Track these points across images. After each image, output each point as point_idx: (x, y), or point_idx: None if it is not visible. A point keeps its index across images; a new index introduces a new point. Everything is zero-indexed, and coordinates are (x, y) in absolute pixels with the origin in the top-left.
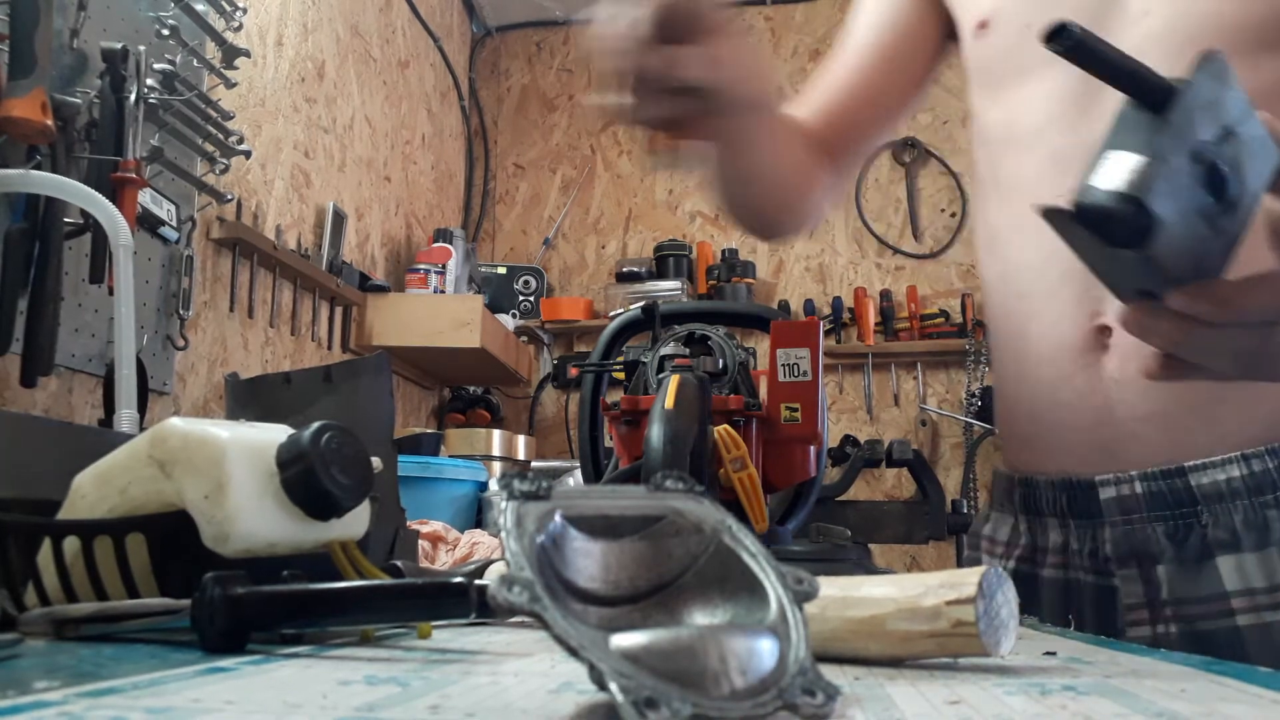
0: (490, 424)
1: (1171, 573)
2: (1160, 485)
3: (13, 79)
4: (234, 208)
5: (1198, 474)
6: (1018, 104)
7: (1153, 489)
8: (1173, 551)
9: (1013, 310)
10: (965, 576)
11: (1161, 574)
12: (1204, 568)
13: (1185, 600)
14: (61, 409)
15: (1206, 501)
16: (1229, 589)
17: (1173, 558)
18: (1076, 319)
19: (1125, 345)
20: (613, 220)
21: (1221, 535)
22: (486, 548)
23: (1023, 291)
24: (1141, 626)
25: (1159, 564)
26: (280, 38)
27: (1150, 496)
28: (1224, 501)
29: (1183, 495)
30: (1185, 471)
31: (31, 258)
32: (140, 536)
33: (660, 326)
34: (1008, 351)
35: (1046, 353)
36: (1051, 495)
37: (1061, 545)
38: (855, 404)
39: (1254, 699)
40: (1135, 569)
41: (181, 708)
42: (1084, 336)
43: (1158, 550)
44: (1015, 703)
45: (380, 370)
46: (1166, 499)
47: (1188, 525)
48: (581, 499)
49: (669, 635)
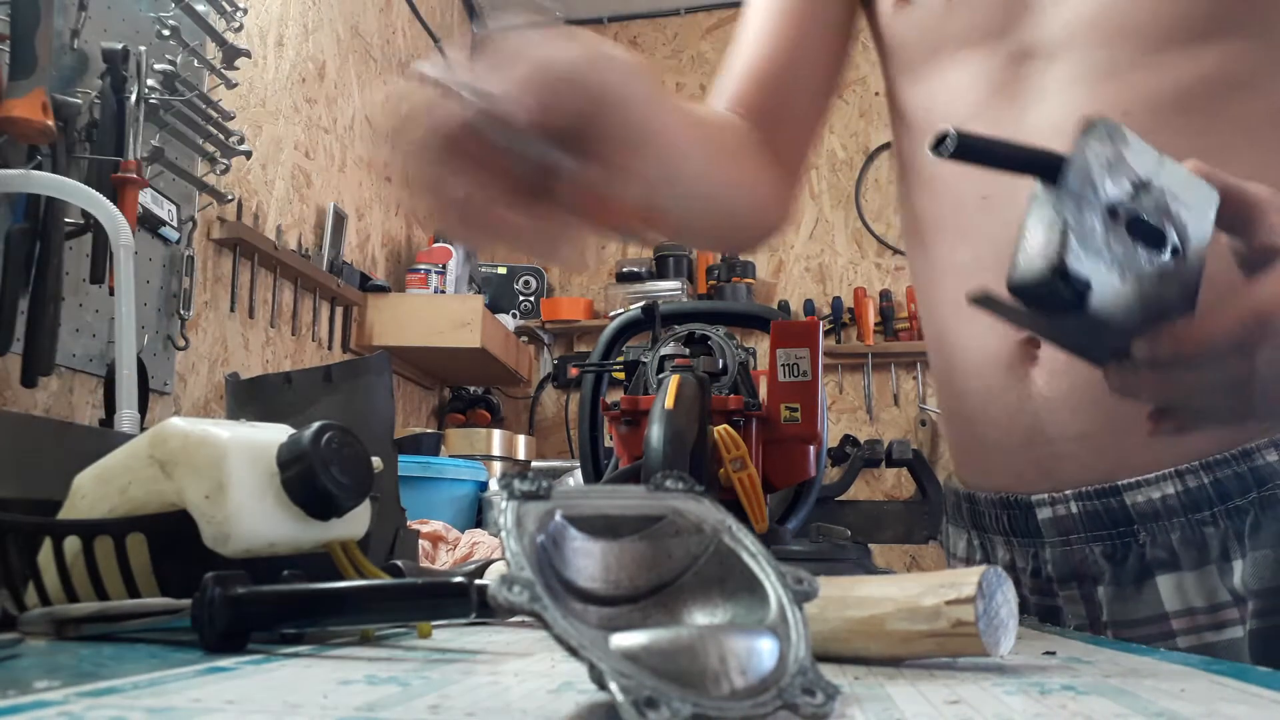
0: (490, 424)
1: (1111, 594)
2: (1096, 505)
3: (13, 79)
4: (234, 208)
5: (1132, 492)
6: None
7: (1088, 508)
8: (1111, 572)
9: (941, 315)
10: (965, 576)
11: (1102, 595)
12: (1143, 588)
13: (1124, 623)
14: (62, 409)
15: (1143, 520)
16: (1169, 609)
17: (1111, 578)
18: (1003, 331)
19: (1053, 360)
20: None
21: (1160, 554)
22: (486, 547)
23: (948, 297)
24: None
25: (1099, 584)
26: (281, 38)
27: (1086, 516)
28: (1160, 520)
29: (1118, 514)
30: (1120, 490)
31: (32, 258)
32: (141, 536)
33: (660, 326)
34: (940, 359)
35: (975, 365)
36: (993, 513)
37: (1009, 563)
38: (855, 404)
39: (1254, 699)
40: (1076, 589)
41: (182, 708)
42: (1011, 350)
43: (1097, 571)
44: (1015, 703)
45: (380, 370)
46: (1103, 518)
47: (1125, 545)
48: (581, 499)
49: (669, 635)
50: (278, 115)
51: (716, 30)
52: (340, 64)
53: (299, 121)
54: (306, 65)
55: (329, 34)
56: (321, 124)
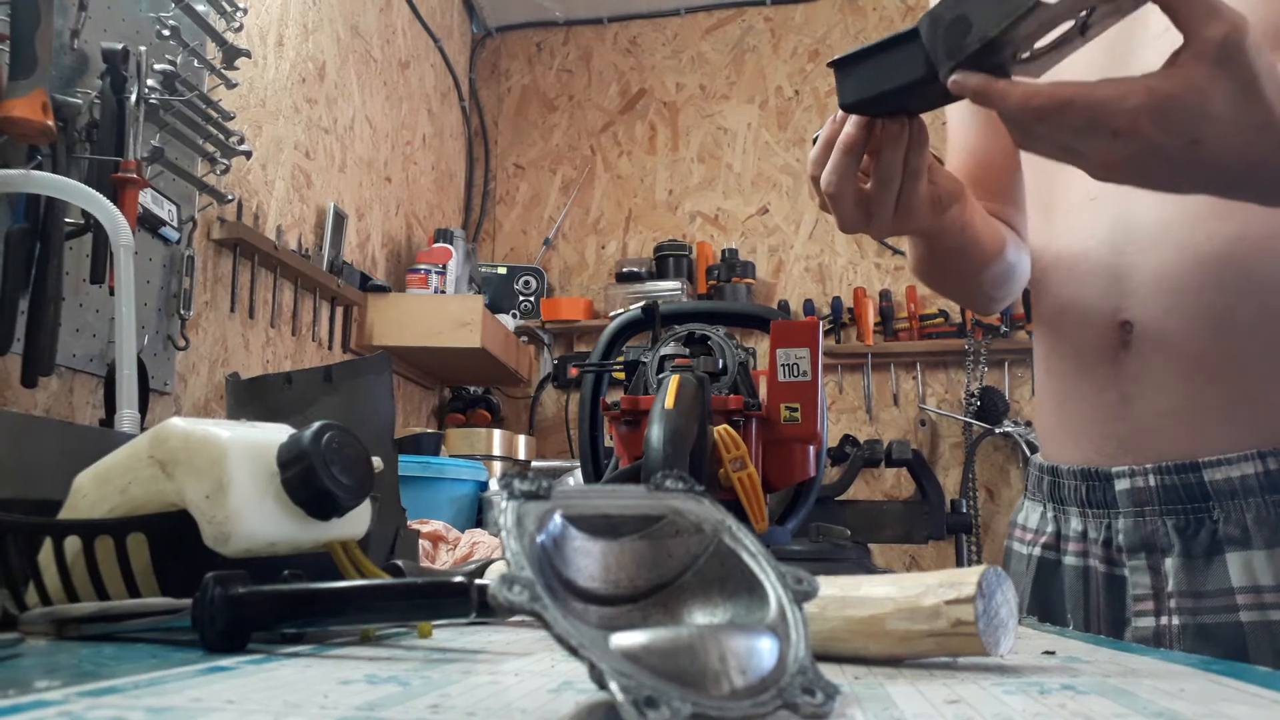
0: (490, 424)
1: (1179, 565)
2: (1174, 479)
3: (13, 79)
4: (235, 208)
5: (1212, 470)
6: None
7: (1166, 482)
8: (1181, 545)
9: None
10: (965, 576)
11: (1169, 566)
12: (1212, 563)
13: (1190, 594)
14: (62, 409)
15: (1219, 497)
16: (1235, 585)
17: (1181, 551)
18: (1100, 314)
19: (1146, 342)
20: (613, 220)
21: (1232, 531)
22: (487, 547)
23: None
24: (1146, 617)
25: (1167, 556)
26: (281, 38)
27: (1163, 490)
28: (1237, 498)
29: (1195, 490)
30: (1200, 467)
31: (32, 258)
32: (141, 536)
33: (660, 326)
34: (1042, 345)
35: (1072, 347)
36: (1073, 485)
37: (1081, 533)
38: (855, 404)
39: (1254, 699)
40: (1144, 559)
41: (182, 707)
42: (1106, 331)
43: (1166, 543)
44: (1015, 702)
45: (381, 370)
46: (1179, 493)
47: (1198, 520)
48: (581, 499)
49: (669, 635)
50: (278, 115)
51: (716, 30)
52: (340, 64)
53: (299, 121)
54: (306, 65)
55: (329, 34)
56: (321, 124)
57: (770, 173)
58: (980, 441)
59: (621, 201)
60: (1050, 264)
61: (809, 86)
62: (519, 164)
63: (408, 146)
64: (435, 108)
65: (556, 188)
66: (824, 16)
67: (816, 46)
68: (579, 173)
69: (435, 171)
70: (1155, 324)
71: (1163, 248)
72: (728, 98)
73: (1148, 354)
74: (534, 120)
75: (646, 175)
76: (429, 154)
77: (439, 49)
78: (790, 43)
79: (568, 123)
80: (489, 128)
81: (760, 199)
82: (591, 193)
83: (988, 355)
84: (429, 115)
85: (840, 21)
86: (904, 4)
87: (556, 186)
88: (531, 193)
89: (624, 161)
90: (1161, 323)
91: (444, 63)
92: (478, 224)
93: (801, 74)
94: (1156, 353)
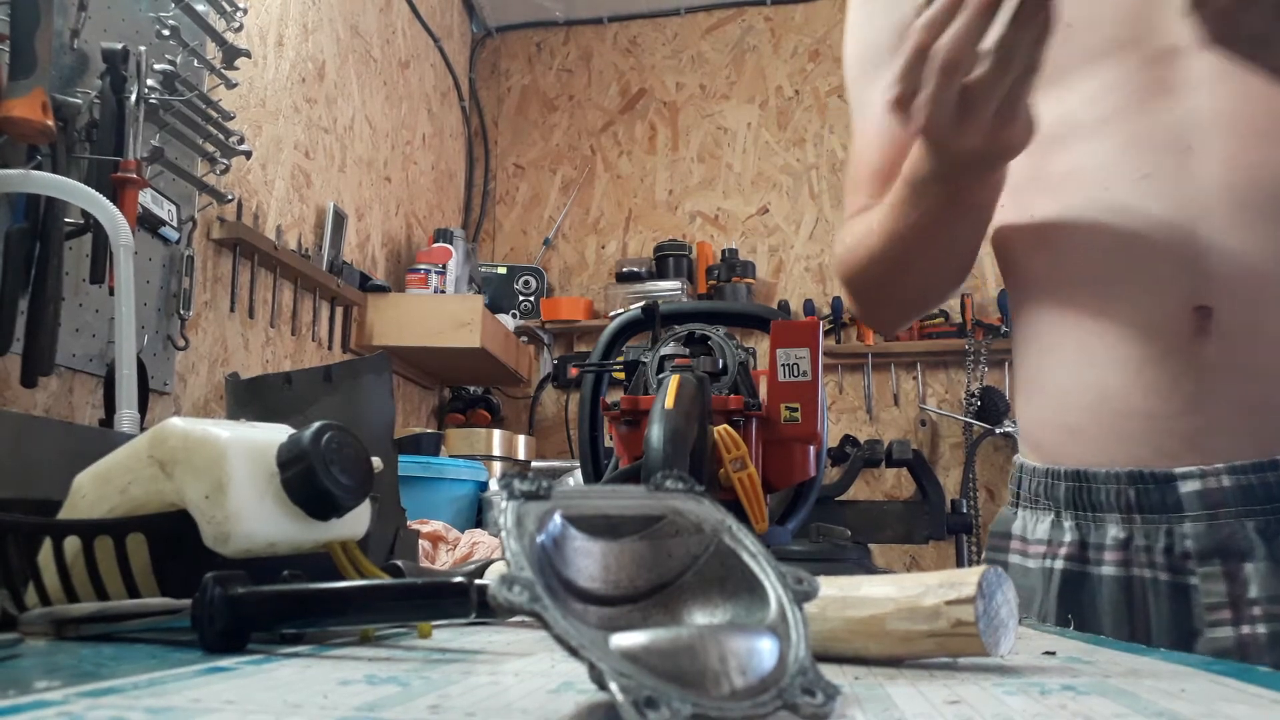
0: (490, 424)
1: (1264, 570)
2: (1251, 479)
3: (13, 79)
4: (234, 208)
5: None
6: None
7: (1242, 483)
8: (1264, 549)
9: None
10: (965, 576)
11: (1250, 571)
12: None
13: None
14: (62, 409)
15: None
16: None
17: (1264, 555)
18: (1167, 301)
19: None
20: (613, 220)
21: None
22: (486, 547)
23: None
24: (1224, 626)
25: (1247, 561)
26: (280, 38)
27: (1240, 490)
28: None
29: (1276, 490)
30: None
31: (32, 258)
32: (140, 536)
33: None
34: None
35: (1122, 338)
36: (1114, 489)
37: (1123, 541)
38: (855, 404)
39: (1254, 699)
40: (1219, 566)
41: (182, 707)
42: (1177, 319)
43: (1246, 547)
44: (1015, 703)
45: (380, 370)
46: (1258, 493)
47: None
48: (581, 499)
49: (669, 635)
50: (278, 115)
51: (716, 30)
52: (340, 64)
53: (299, 121)
54: (306, 65)
55: (329, 34)
56: (321, 124)
57: (770, 173)
58: (981, 441)
59: (621, 201)
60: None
61: (809, 86)
62: (519, 164)
63: (407, 146)
64: (435, 108)
65: (556, 188)
66: (824, 16)
67: (816, 46)
68: (579, 173)
69: (435, 171)
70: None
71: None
72: (728, 97)
73: (1230, 342)
74: (534, 120)
75: (646, 175)
76: (429, 154)
77: (439, 49)
78: (790, 42)
79: (568, 122)
80: (489, 128)
81: (760, 199)
82: (591, 193)
83: (988, 355)
84: (429, 115)
85: (840, 21)
86: None
87: (556, 186)
88: (531, 193)
89: (624, 161)
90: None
91: (444, 63)
92: (478, 224)
93: (802, 74)
94: (1239, 341)
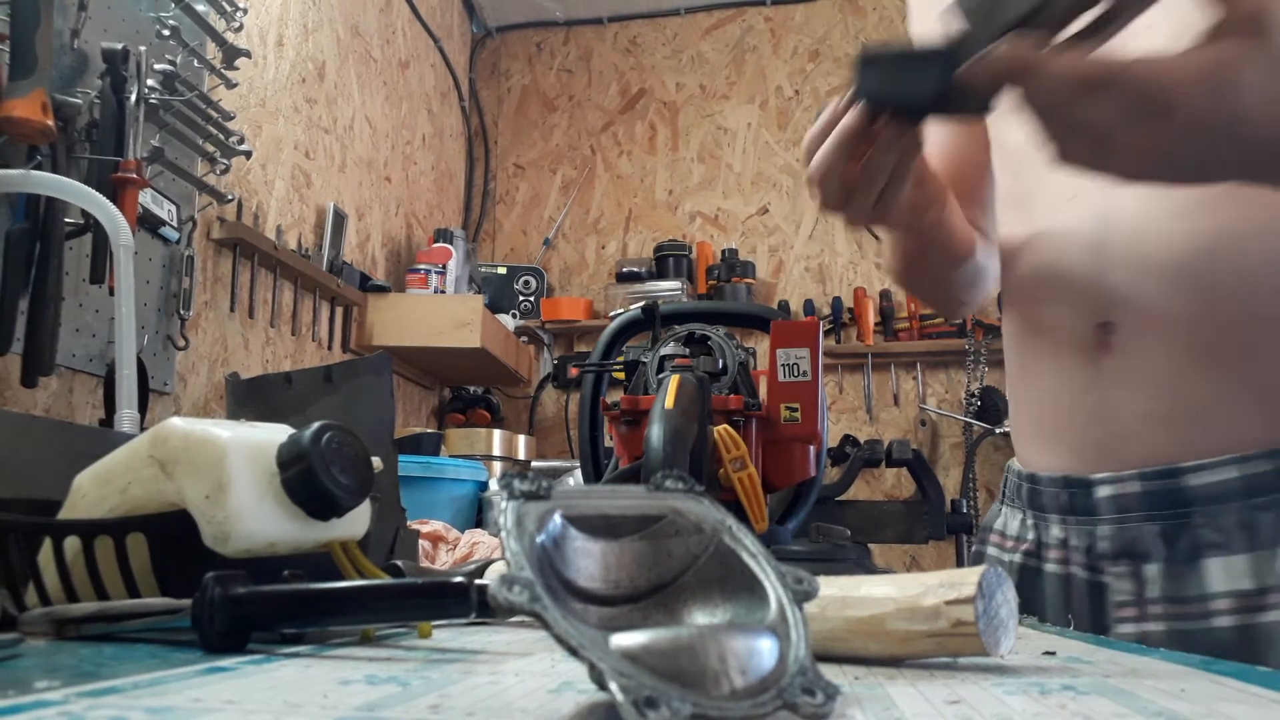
0: (490, 424)
1: (1161, 571)
2: (1156, 485)
3: (13, 79)
4: (234, 208)
5: (1193, 475)
6: None
7: (1148, 489)
8: (1164, 551)
9: (1021, 313)
10: (965, 576)
11: (1151, 572)
12: (1193, 568)
13: (1172, 599)
14: (62, 409)
15: (1200, 503)
16: (1216, 590)
17: (1163, 557)
18: (1078, 317)
19: (1126, 344)
20: (613, 220)
21: (1213, 537)
22: (486, 547)
23: (1031, 294)
24: (1128, 624)
25: (1149, 563)
26: (281, 38)
27: (1146, 496)
28: (1218, 503)
29: (1176, 496)
30: (1181, 472)
31: (32, 258)
32: (140, 536)
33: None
34: (1015, 352)
35: (1049, 352)
36: (1053, 493)
37: (1062, 541)
38: (855, 404)
39: (1254, 699)
40: (1127, 566)
41: (182, 707)
42: (1085, 333)
43: (1150, 549)
44: (1015, 703)
45: (381, 370)
46: (1161, 499)
47: (1179, 526)
48: (581, 499)
49: (669, 635)
50: (278, 115)
51: (716, 30)
52: (340, 64)
53: (299, 121)
54: (306, 65)
55: (329, 34)
56: (321, 124)
57: (770, 173)
58: (980, 441)
59: (621, 201)
60: (1025, 266)
61: (809, 86)
62: (519, 164)
63: (408, 146)
64: (435, 108)
65: (556, 188)
66: (824, 16)
67: (816, 46)
68: (579, 173)
69: (435, 171)
70: (1135, 325)
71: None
72: (728, 98)
73: (1128, 356)
74: (534, 120)
75: (646, 175)
76: (429, 154)
77: (439, 49)
78: (790, 42)
79: (568, 123)
80: (489, 128)
81: (760, 199)
82: (591, 193)
83: (988, 355)
84: (429, 115)
85: (840, 21)
86: (904, 4)
87: (556, 186)
88: (531, 193)
89: (624, 161)
90: (1142, 324)
91: (444, 63)
92: (478, 224)
93: (801, 74)
94: (1136, 355)
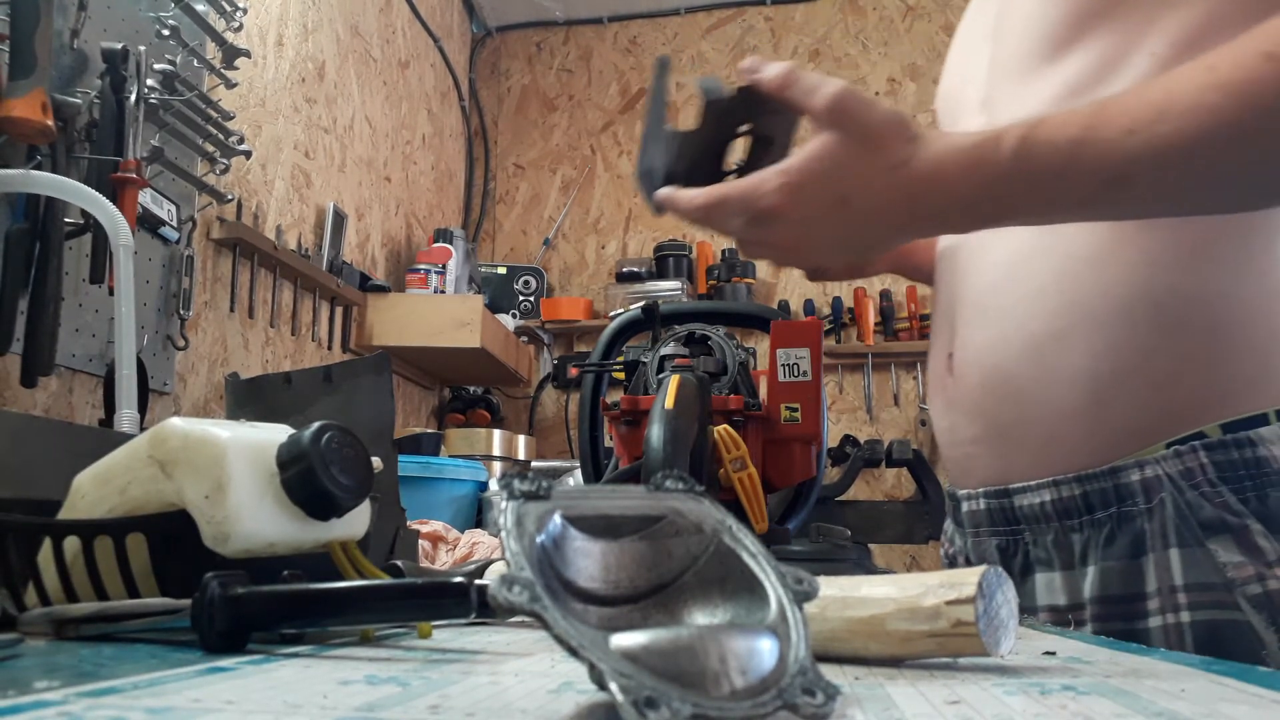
0: (490, 424)
1: None
2: (994, 504)
3: (13, 79)
4: (234, 208)
5: (1018, 496)
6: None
7: (990, 506)
8: (1004, 565)
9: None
10: (965, 576)
11: None
12: (1025, 582)
13: None
14: (62, 409)
15: (1027, 522)
16: (1040, 604)
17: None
18: (939, 347)
19: (960, 371)
20: (613, 220)
21: (1040, 554)
22: (486, 548)
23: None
24: None
25: None
26: (280, 38)
27: (988, 513)
28: (1040, 523)
29: (1010, 514)
30: (1010, 493)
31: (32, 258)
32: (140, 536)
33: (660, 326)
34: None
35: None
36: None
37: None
38: (855, 404)
39: (1254, 699)
40: None
41: (181, 708)
42: (941, 362)
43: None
44: (1015, 703)
45: (380, 370)
46: (999, 517)
47: (1015, 542)
48: (581, 499)
49: (669, 635)
50: (278, 115)
51: (716, 30)
52: (340, 64)
53: (299, 121)
54: (306, 65)
55: (329, 34)
56: (321, 124)
57: None
58: None
59: (621, 201)
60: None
61: None
62: (519, 164)
63: (407, 146)
64: (435, 107)
65: (556, 187)
66: (824, 16)
67: (817, 46)
68: (579, 172)
69: (435, 171)
70: (961, 355)
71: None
72: None
73: (959, 383)
74: (534, 120)
75: None
76: (429, 154)
77: (439, 49)
78: (790, 43)
79: (568, 122)
80: (489, 127)
81: None
82: (591, 192)
83: None
84: (429, 115)
85: (840, 21)
86: (904, 4)
87: (556, 186)
88: (531, 192)
89: (624, 161)
90: (965, 354)
91: (444, 62)
92: (477, 224)
93: None
94: (964, 382)
